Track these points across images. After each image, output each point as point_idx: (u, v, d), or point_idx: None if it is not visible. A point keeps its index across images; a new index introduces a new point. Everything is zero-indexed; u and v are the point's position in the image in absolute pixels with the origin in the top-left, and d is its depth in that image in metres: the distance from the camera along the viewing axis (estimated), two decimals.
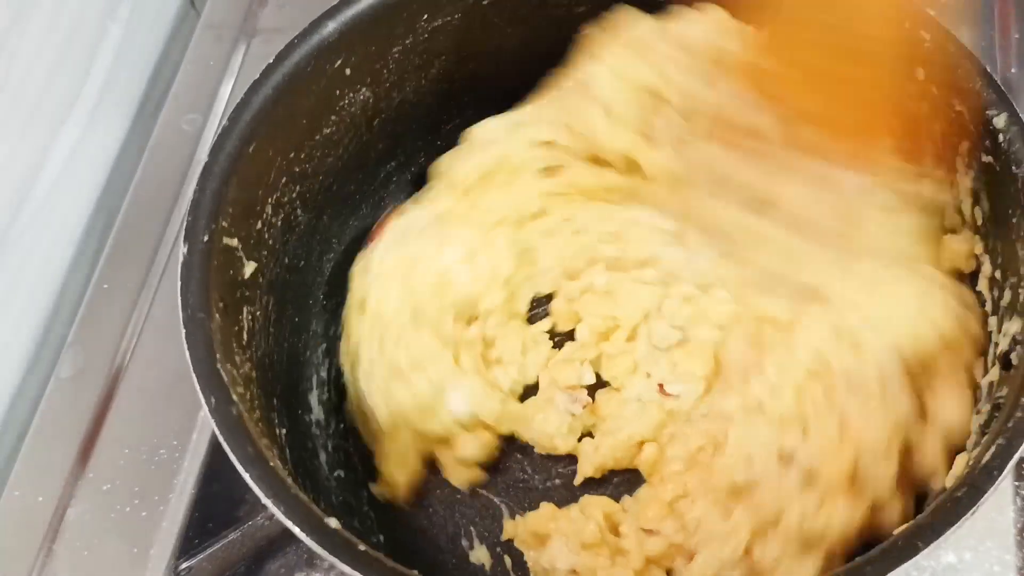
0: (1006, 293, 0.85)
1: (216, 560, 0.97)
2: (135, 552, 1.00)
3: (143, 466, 1.05)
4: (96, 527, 1.02)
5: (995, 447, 0.73)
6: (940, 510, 0.71)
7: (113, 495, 1.03)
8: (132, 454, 1.06)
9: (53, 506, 1.03)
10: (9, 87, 1.06)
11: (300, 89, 0.94)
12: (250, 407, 0.83)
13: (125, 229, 1.20)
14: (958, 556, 0.95)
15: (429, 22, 1.00)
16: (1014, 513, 0.96)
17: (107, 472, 1.05)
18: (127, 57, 1.27)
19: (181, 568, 0.99)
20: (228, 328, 0.85)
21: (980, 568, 0.94)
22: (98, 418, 1.08)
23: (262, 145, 0.91)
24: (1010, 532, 0.95)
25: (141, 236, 1.18)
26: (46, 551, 1.01)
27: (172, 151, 1.23)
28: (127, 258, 1.17)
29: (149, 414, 1.08)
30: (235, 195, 0.88)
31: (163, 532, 1.01)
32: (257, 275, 0.93)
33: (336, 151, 1.03)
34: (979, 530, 0.95)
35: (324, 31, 0.94)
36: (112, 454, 1.06)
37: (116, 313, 1.14)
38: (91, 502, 1.03)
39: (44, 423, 1.08)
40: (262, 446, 0.77)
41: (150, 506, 1.03)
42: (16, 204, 1.10)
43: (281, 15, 1.33)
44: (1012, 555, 0.94)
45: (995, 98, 0.85)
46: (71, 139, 1.18)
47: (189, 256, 0.84)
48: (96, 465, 1.05)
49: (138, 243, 1.18)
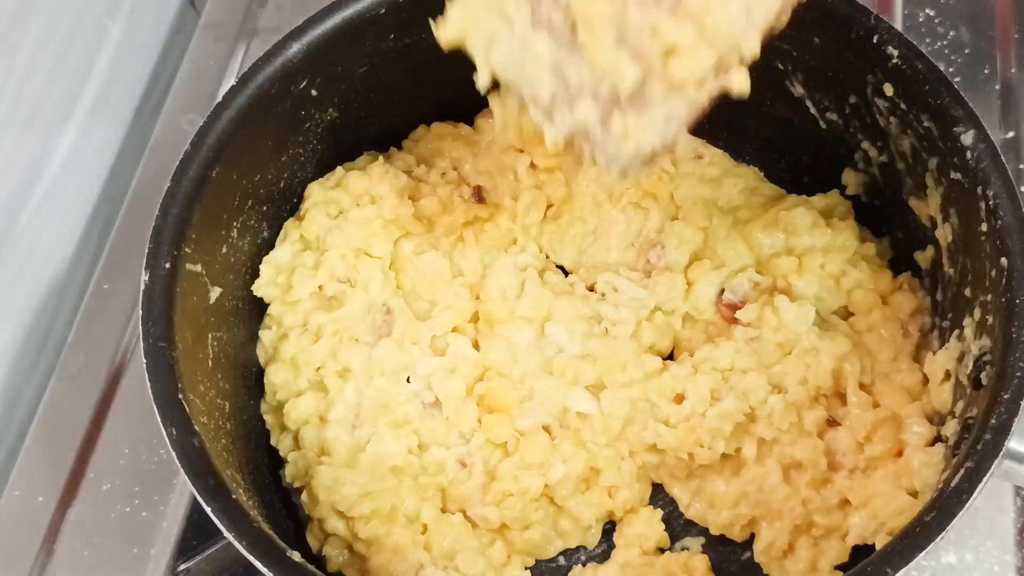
0: (975, 311, 0.85)
1: (215, 561, 0.98)
2: (135, 552, 1.01)
3: (143, 466, 1.06)
4: (96, 527, 1.03)
5: (964, 470, 0.73)
6: (909, 534, 0.71)
7: (113, 495, 1.04)
8: (132, 454, 1.06)
9: (53, 506, 1.04)
10: (9, 87, 1.06)
11: (265, 111, 0.92)
12: (214, 436, 0.83)
13: (125, 229, 1.20)
14: (958, 556, 0.95)
15: (396, 41, 0.98)
16: (1014, 514, 0.97)
17: (107, 472, 1.06)
18: (127, 57, 1.26)
19: (180, 569, 1.00)
20: (192, 356, 0.85)
21: (980, 568, 0.95)
22: (98, 418, 1.09)
23: (226, 168, 0.90)
24: (1010, 532, 0.96)
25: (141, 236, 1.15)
26: (46, 551, 1.02)
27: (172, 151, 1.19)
28: (127, 258, 1.17)
29: (149, 414, 1.06)
30: (199, 219, 0.87)
31: (163, 533, 1.02)
32: (223, 300, 0.93)
33: (304, 171, 1.03)
34: (980, 530, 0.96)
35: (288, 52, 0.92)
36: (112, 454, 1.06)
37: (116, 313, 1.15)
38: (91, 502, 1.04)
39: (44, 423, 1.09)
40: (225, 477, 0.77)
41: (150, 506, 1.03)
42: (16, 204, 1.10)
43: (280, 15, 1.33)
44: (1012, 555, 0.95)
45: (963, 115, 0.85)
46: (71, 139, 1.17)
47: (150, 284, 0.83)
48: (96, 465, 1.06)
49: (138, 243, 1.15)
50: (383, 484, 0.91)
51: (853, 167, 1.01)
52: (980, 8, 1.27)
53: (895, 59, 0.88)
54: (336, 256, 0.99)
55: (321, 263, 0.99)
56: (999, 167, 0.83)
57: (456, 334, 1.00)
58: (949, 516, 0.70)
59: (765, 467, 0.92)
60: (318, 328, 0.98)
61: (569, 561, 0.97)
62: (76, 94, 1.18)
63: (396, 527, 0.91)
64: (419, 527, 0.92)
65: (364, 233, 1.00)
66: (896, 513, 0.83)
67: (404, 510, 0.92)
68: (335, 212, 1.02)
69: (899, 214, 0.98)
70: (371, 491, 0.91)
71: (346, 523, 0.91)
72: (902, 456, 0.88)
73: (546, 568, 0.97)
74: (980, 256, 0.84)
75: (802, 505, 0.89)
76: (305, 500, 0.93)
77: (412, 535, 0.91)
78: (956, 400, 0.86)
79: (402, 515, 0.92)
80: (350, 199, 1.02)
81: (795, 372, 0.93)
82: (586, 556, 0.98)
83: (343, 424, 0.94)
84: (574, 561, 0.97)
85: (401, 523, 0.91)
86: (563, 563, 0.97)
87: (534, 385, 0.97)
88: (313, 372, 0.97)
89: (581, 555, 0.98)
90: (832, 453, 0.91)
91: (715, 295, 1.00)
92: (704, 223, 1.02)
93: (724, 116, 1.07)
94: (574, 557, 0.98)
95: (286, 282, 0.99)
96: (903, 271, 0.99)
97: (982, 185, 0.83)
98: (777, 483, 0.90)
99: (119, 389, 1.10)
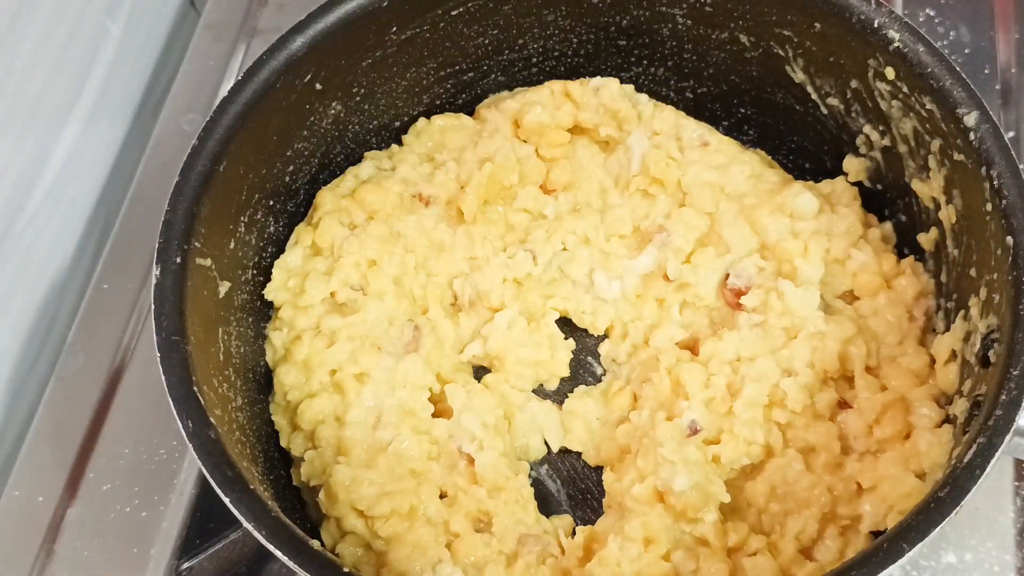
0: (981, 291, 0.85)
1: (218, 560, 0.98)
2: (135, 552, 1.00)
3: (143, 466, 1.05)
4: (96, 527, 1.02)
5: (976, 446, 0.73)
6: (924, 511, 0.71)
7: (113, 495, 1.04)
8: (132, 454, 1.06)
9: (53, 506, 1.03)
10: (9, 87, 1.06)
11: (270, 106, 0.93)
12: (229, 428, 0.83)
13: (125, 229, 1.19)
14: (958, 556, 0.95)
15: (399, 34, 0.99)
16: (1014, 514, 0.97)
17: (107, 472, 1.05)
18: (127, 57, 1.26)
19: (183, 568, 0.99)
20: (205, 350, 0.85)
21: (980, 568, 0.94)
22: (98, 418, 1.08)
23: (233, 163, 0.90)
24: (1010, 532, 0.96)
25: (141, 236, 1.18)
26: (46, 551, 1.01)
27: (172, 151, 1.22)
28: (127, 258, 1.17)
29: (149, 414, 1.08)
30: (207, 214, 0.87)
31: (163, 533, 1.01)
32: (232, 295, 0.93)
33: (309, 165, 1.03)
34: (980, 530, 0.96)
35: (293, 46, 0.93)
36: (112, 454, 1.06)
37: (116, 313, 1.14)
38: (91, 502, 1.03)
39: (44, 423, 1.08)
40: (241, 468, 0.77)
41: (150, 506, 1.03)
42: (16, 204, 1.10)
43: (281, 15, 1.33)
44: (1012, 555, 0.95)
45: (965, 97, 0.85)
46: (71, 139, 1.17)
47: (162, 278, 0.83)
48: (96, 465, 1.05)
49: (138, 243, 1.17)
50: (402, 484, 0.91)
51: (855, 152, 1.01)
52: (980, 8, 1.27)
53: (896, 43, 0.89)
54: (350, 264, 1.00)
55: (335, 270, 1.00)
56: (1002, 147, 0.83)
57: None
58: (963, 491, 0.70)
59: (786, 456, 0.91)
60: (332, 332, 0.98)
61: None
62: (76, 94, 1.18)
63: (417, 524, 0.91)
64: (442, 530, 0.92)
65: (378, 247, 1.01)
66: (905, 495, 0.83)
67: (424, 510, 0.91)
68: (347, 221, 1.03)
69: (901, 198, 0.98)
70: (390, 491, 0.90)
71: (365, 522, 0.91)
72: (910, 438, 0.87)
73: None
74: (985, 236, 0.84)
75: (827, 493, 0.89)
76: (322, 499, 0.92)
77: (433, 533, 0.91)
78: (963, 379, 0.86)
79: (421, 514, 0.91)
80: (363, 214, 1.03)
81: (803, 355, 0.93)
82: None
83: (361, 425, 0.94)
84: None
85: (421, 520, 0.91)
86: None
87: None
88: (327, 374, 0.97)
89: None
90: (844, 437, 0.91)
91: (719, 281, 0.99)
92: (711, 209, 1.02)
93: (724, 104, 1.08)
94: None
95: (298, 286, 0.99)
96: (906, 255, 0.99)
97: (986, 166, 0.83)
98: (800, 471, 0.90)
99: (119, 389, 1.10)
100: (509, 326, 1.01)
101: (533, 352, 1.02)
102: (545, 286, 1.05)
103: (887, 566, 0.69)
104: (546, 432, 1.01)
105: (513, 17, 1.03)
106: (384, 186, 1.04)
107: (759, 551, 0.87)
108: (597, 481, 0.99)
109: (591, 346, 1.07)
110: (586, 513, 0.99)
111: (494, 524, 0.92)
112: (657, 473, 0.90)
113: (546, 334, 1.03)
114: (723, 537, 0.88)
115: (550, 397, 1.04)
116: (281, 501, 0.90)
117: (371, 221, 1.02)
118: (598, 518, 0.96)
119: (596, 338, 1.07)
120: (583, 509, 0.99)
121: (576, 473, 1.01)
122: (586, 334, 1.07)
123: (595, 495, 0.99)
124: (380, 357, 0.97)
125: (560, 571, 0.90)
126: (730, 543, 0.88)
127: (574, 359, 1.06)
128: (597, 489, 0.99)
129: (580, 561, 0.90)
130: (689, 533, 0.89)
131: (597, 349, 1.06)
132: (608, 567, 0.87)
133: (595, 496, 0.99)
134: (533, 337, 1.02)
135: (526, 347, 1.01)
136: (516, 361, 1.01)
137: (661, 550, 0.88)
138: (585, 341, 1.07)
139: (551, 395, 1.05)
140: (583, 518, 0.98)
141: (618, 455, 0.97)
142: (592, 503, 0.99)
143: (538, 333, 1.03)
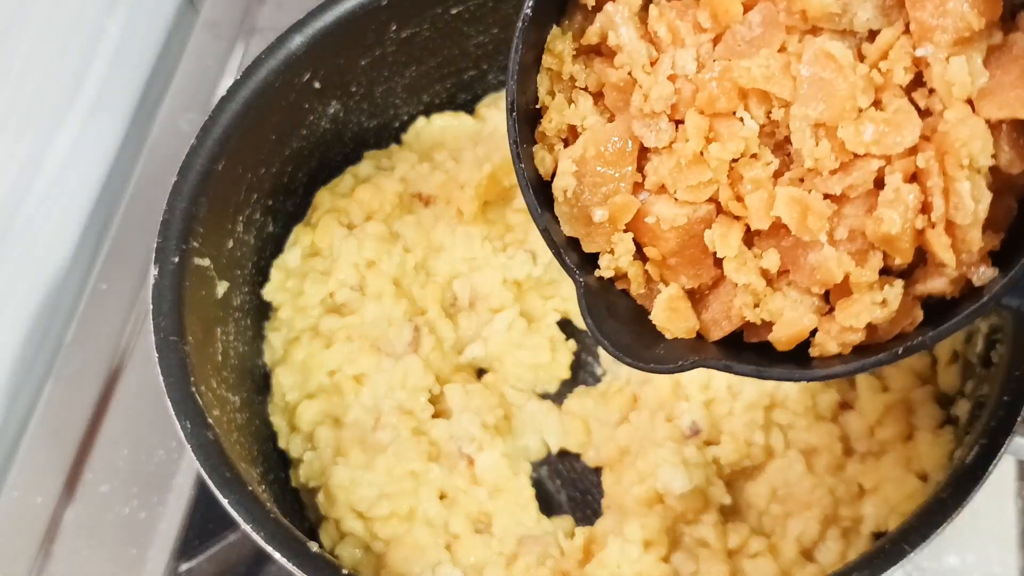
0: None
1: (216, 561, 0.98)
2: (133, 553, 1.00)
3: (141, 467, 1.05)
4: (94, 528, 1.02)
5: (978, 447, 0.73)
6: (927, 512, 0.70)
7: (111, 496, 1.03)
8: (130, 455, 1.05)
9: (51, 507, 1.03)
10: (7, 86, 1.05)
11: (269, 105, 0.93)
12: (227, 428, 0.83)
13: (124, 229, 1.19)
14: (960, 558, 0.94)
15: (398, 33, 0.99)
16: (1016, 515, 0.96)
17: (105, 473, 1.05)
18: (125, 56, 1.26)
19: (181, 570, 0.99)
20: (203, 350, 0.85)
21: (982, 569, 0.94)
22: (96, 418, 1.08)
23: (231, 163, 0.90)
24: (1012, 534, 0.95)
25: (140, 236, 1.18)
26: (44, 552, 1.01)
27: (171, 150, 1.21)
28: (126, 258, 1.17)
29: (148, 414, 1.07)
30: (205, 214, 0.87)
31: (161, 534, 1.01)
32: (230, 294, 0.93)
33: (308, 164, 1.03)
34: (982, 532, 0.95)
35: (292, 45, 0.93)
36: (110, 455, 1.06)
37: (114, 313, 1.14)
38: (89, 503, 1.03)
39: (42, 423, 1.08)
40: (240, 469, 0.77)
41: (148, 508, 1.02)
42: (14, 203, 1.09)
43: (280, 14, 1.33)
44: (1014, 556, 0.94)
45: None
46: (69, 138, 1.17)
47: (160, 278, 0.83)
48: (94, 466, 1.05)
49: (137, 243, 1.17)
50: (402, 485, 0.91)
51: None
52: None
53: None
54: (348, 264, 0.99)
55: (333, 270, 1.00)
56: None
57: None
58: (965, 493, 0.70)
59: (787, 458, 0.90)
60: (331, 332, 0.98)
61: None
62: (74, 93, 1.18)
63: (416, 525, 0.91)
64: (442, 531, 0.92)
65: (377, 247, 1.00)
66: (906, 497, 0.83)
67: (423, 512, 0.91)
68: (346, 221, 1.03)
69: None
70: (389, 492, 0.90)
71: (364, 523, 0.91)
72: (911, 440, 0.87)
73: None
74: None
75: (829, 494, 0.88)
76: (321, 500, 0.92)
77: (432, 534, 0.90)
78: (965, 380, 0.86)
79: (421, 515, 0.91)
80: (361, 214, 1.03)
81: None
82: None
83: (360, 426, 0.94)
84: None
85: (420, 522, 0.91)
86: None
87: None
88: (326, 375, 0.97)
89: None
90: (845, 438, 0.90)
91: None
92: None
93: None
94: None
95: (296, 286, 0.99)
96: None
97: None
98: (802, 472, 0.89)
99: (117, 389, 1.10)
100: (509, 328, 1.01)
101: (533, 355, 1.01)
102: (545, 287, 1.05)
103: (889, 568, 0.69)
104: (545, 433, 1.00)
105: (513, 17, 1.03)
106: (383, 186, 1.04)
107: (759, 553, 0.87)
108: (597, 482, 0.99)
109: (591, 346, 1.06)
110: (586, 514, 0.98)
111: (494, 525, 0.92)
112: (657, 474, 0.89)
113: (546, 336, 1.03)
114: (723, 539, 0.88)
115: (550, 397, 1.04)
116: (280, 502, 0.90)
117: (370, 221, 1.02)
118: (598, 519, 0.96)
119: None
120: (583, 510, 0.99)
121: (576, 474, 1.01)
122: (586, 334, 1.07)
123: (595, 496, 0.99)
124: (379, 358, 0.97)
125: (560, 572, 0.89)
126: (730, 545, 0.88)
127: (574, 359, 1.05)
128: (597, 490, 0.99)
129: (580, 562, 0.90)
130: (689, 535, 0.89)
131: (597, 349, 1.06)
132: (608, 568, 0.87)
133: (595, 497, 0.99)
134: (533, 339, 1.02)
135: (526, 350, 1.01)
136: (516, 364, 1.01)
137: (661, 552, 0.88)
138: (585, 341, 1.06)
139: (551, 395, 1.04)
140: (583, 519, 0.98)
141: (618, 456, 0.97)
142: (592, 504, 0.99)
143: (538, 335, 1.02)
